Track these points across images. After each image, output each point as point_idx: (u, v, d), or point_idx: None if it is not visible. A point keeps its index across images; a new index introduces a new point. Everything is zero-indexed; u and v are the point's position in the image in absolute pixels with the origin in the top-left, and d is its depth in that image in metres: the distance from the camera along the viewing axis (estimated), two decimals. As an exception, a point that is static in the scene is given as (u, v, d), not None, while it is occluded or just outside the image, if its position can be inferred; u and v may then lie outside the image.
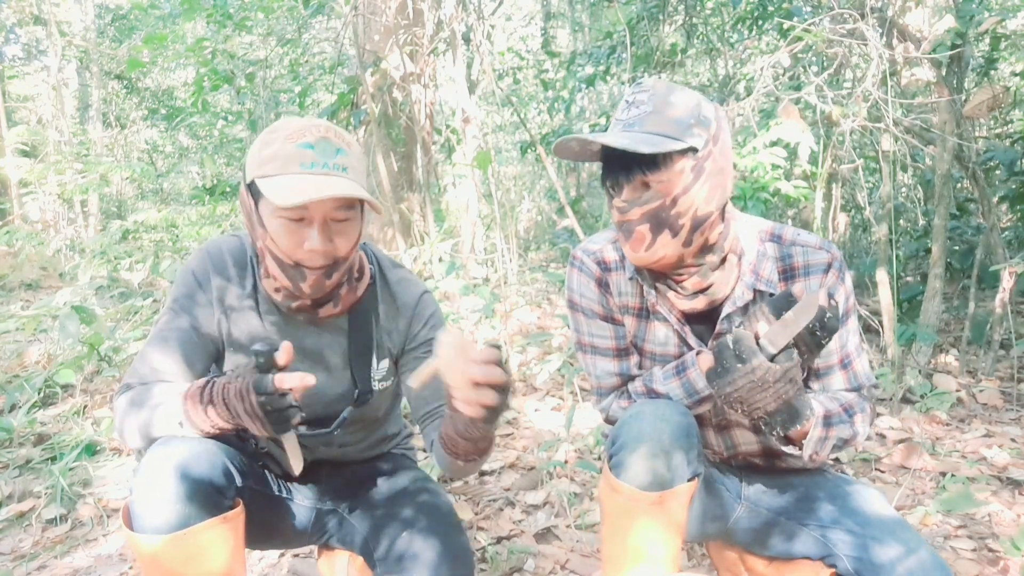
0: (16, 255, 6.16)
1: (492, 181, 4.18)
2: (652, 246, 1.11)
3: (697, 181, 1.08)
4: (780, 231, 1.21)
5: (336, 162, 1.06)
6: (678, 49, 4.68)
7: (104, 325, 3.15)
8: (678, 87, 1.12)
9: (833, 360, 1.20)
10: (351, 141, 1.11)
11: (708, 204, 1.10)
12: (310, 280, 1.10)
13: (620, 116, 1.12)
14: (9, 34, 10.33)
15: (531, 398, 2.94)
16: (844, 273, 1.18)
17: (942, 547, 1.78)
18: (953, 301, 4.01)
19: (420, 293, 1.30)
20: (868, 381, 1.22)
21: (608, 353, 1.29)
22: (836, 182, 3.53)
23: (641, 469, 1.08)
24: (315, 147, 1.05)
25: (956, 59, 3.07)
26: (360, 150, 1.14)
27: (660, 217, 1.09)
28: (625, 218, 1.12)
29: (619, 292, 1.26)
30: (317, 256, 1.08)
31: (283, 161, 1.05)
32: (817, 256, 1.17)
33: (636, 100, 1.10)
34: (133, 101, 11.22)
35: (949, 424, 2.60)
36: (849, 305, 1.18)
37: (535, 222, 9.03)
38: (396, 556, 1.14)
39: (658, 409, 1.12)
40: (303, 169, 1.04)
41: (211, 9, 4.74)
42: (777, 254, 1.19)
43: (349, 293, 1.21)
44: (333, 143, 1.07)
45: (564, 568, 1.76)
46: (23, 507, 2.13)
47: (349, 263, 1.15)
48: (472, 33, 4.47)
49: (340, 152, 1.07)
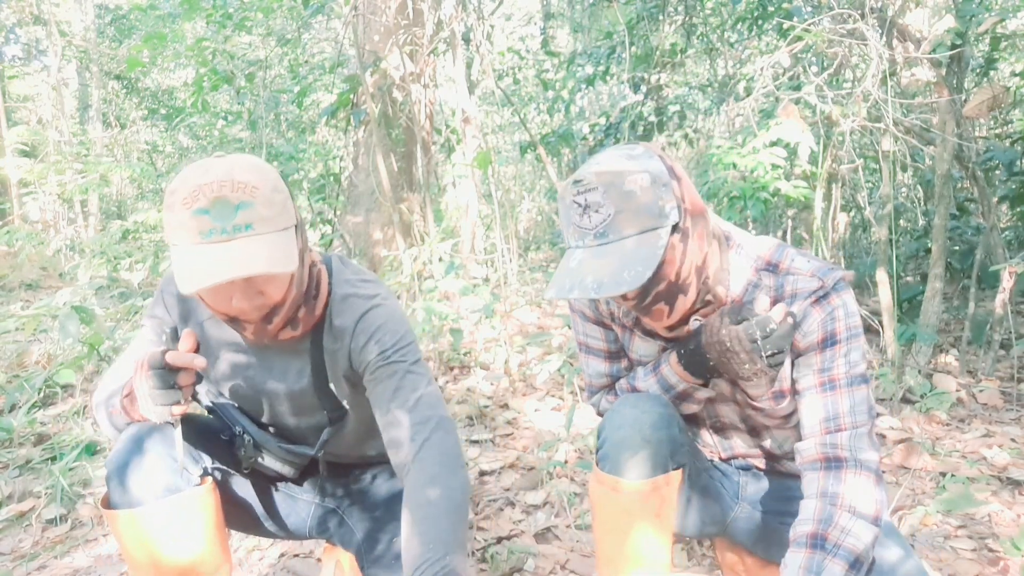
0: (16, 255, 6.15)
1: (492, 181, 4.18)
2: (672, 313, 1.09)
3: (688, 243, 1.04)
4: (778, 259, 1.14)
5: (236, 223, 0.98)
6: (678, 49, 4.68)
7: (104, 325, 3.15)
8: (616, 163, 1.02)
9: (811, 380, 1.11)
10: (255, 184, 1.00)
11: (702, 249, 1.07)
12: (250, 330, 1.10)
13: (583, 224, 1.03)
14: (9, 34, 10.32)
15: (531, 398, 2.94)
16: (828, 298, 1.09)
17: (942, 547, 1.78)
18: (953, 301, 4.00)
19: (361, 312, 1.20)
20: (850, 422, 1.07)
21: (600, 354, 1.32)
22: (836, 182, 3.53)
23: (624, 460, 1.11)
24: (210, 212, 0.97)
25: (956, 59, 3.07)
26: (270, 186, 1.02)
27: (671, 292, 1.06)
28: (637, 307, 1.09)
29: (607, 301, 1.27)
30: (249, 311, 1.05)
31: (183, 231, 0.98)
32: (806, 284, 1.10)
33: (591, 203, 1.01)
34: (133, 101, 11.21)
35: (949, 424, 2.60)
36: (836, 328, 1.09)
37: (535, 222, 9.03)
38: (391, 558, 1.15)
39: (639, 402, 1.15)
40: (202, 239, 0.97)
41: (211, 9, 4.74)
42: (772, 284, 1.14)
43: (307, 315, 1.16)
44: (231, 201, 0.98)
45: (564, 568, 1.76)
46: (23, 507, 2.13)
47: (292, 301, 1.10)
48: (472, 33, 4.47)
49: (240, 208, 0.98)
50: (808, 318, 1.10)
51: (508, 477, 2.28)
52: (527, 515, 2.03)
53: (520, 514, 2.04)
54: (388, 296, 1.24)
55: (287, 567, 1.82)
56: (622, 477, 1.12)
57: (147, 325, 1.26)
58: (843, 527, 1.01)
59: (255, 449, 1.26)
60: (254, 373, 1.23)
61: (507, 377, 3.10)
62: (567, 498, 2.06)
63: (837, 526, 1.02)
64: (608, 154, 1.05)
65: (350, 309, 1.19)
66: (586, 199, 1.02)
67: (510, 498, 2.14)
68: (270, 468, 1.30)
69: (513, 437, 2.62)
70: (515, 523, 1.99)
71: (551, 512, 2.03)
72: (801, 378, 1.13)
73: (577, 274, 1.00)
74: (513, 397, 2.96)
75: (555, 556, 1.80)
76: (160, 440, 1.11)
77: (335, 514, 1.33)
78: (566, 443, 2.38)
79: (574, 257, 1.03)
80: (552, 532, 1.94)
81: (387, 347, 1.17)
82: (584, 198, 1.02)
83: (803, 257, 1.14)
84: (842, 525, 1.02)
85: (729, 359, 1.09)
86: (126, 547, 1.10)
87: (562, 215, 1.07)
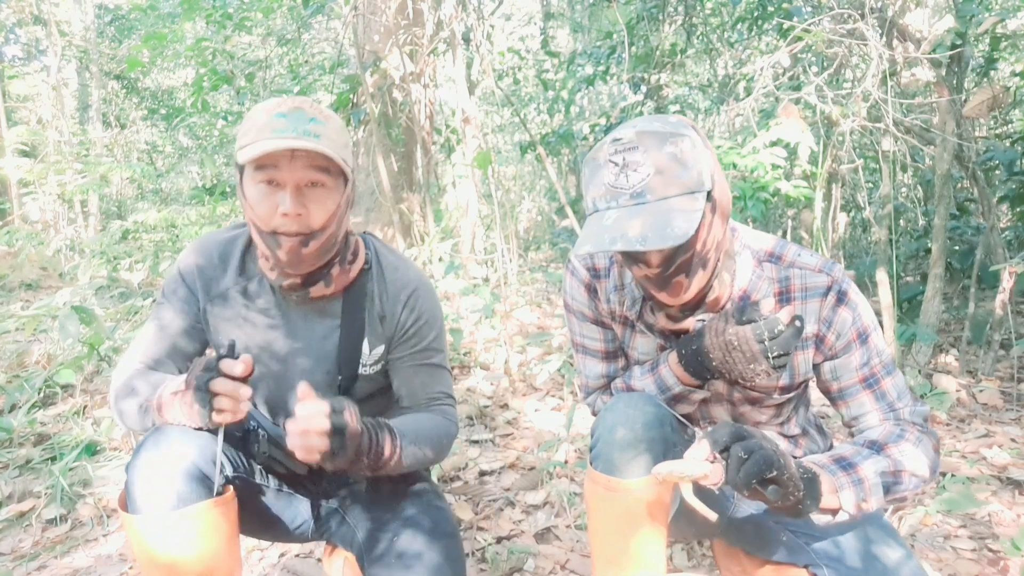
0: (16, 255, 6.15)
1: (492, 181, 4.17)
2: (690, 288, 1.07)
3: (715, 215, 1.04)
4: (781, 251, 1.15)
5: (308, 129, 1.07)
6: (678, 49, 4.68)
7: (104, 325, 3.15)
8: (657, 126, 1.02)
9: (854, 378, 1.14)
10: (331, 116, 1.13)
11: (722, 226, 1.07)
12: (285, 247, 1.11)
13: (618, 184, 1.00)
14: (9, 34, 10.32)
15: (531, 398, 2.94)
16: (847, 296, 1.12)
17: (942, 547, 1.78)
18: (953, 301, 4.01)
19: (416, 281, 1.29)
20: (905, 401, 1.13)
21: (597, 355, 1.32)
22: (836, 182, 3.53)
23: (618, 459, 1.11)
24: (287, 116, 1.08)
25: (956, 59, 3.07)
26: (341, 126, 1.15)
27: (693, 263, 1.04)
28: (659, 276, 1.06)
29: (607, 299, 1.27)
30: (290, 222, 1.09)
31: (258, 130, 1.08)
32: (816, 279, 1.12)
33: (629, 162, 1.00)
34: (133, 101, 11.22)
35: (949, 424, 2.60)
36: (864, 324, 1.12)
37: (535, 222, 9.04)
38: (390, 558, 1.15)
39: (631, 401, 1.15)
40: (274, 135, 1.06)
41: (211, 9, 4.74)
42: (775, 275, 1.14)
43: (342, 274, 1.22)
44: (307, 113, 1.09)
45: (564, 568, 1.76)
46: (23, 507, 2.13)
47: (328, 235, 1.14)
48: (472, 33, 4.47)
49: (314, 121, 1.09)
50: (838, 319, 1.12)
51: (508, 477, 2.28)
52: (527, 515, 2.03)
53: (520, 514, 2.04)
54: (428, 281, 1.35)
55: (287, 567, 1.82)
56: (615, 476, 1.12)
57: (166, 306, 1.25)
58: (903, 450, 1.06)
59: (269, 444, 1.26)
60: (277, 337, 1.24)
61: (507, 377, 3.10)
62: (567, 498, 2.06)
63: (899, 447, 1.06)
64: (645, 118, 1.05)
65: (407, 274, 1.29)
66: (624, 158, 1.00)
67: (510, 498, 2.14)
68: (282, 465, 1.30)
69: (513, 437, 2.62)
70: (515, 523, 1.99)
71: (551, 512, 2.03)
72: (841, 378, 1.15)
73: (615, 230, 0.97)
74: (513, 397, 2.96)
75: (555, 556, 1.80)
76: (187, 444, 1.08)
77: (336, 514, 1.33)
78: (566, 443, 2.38)
79: (608, 216, 1.00)
80: (552, 532, 1.94)
81: (430, 327, 1.28)
82: (623, 157, 1.00)
83: (806, 251, 1.16)
84: (902, 448, 1.07)
85: (734, 360, 1.08)
86: (143, 551, 1.07)
87: (591, 176, 1.04)
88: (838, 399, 1.18)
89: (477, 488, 2.21)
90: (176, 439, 1.08)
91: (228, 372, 1.03)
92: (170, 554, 1.06)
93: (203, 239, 1.28)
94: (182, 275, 1.25)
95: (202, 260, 1.25)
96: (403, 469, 1.18)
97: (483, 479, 2.28)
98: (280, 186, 1.09)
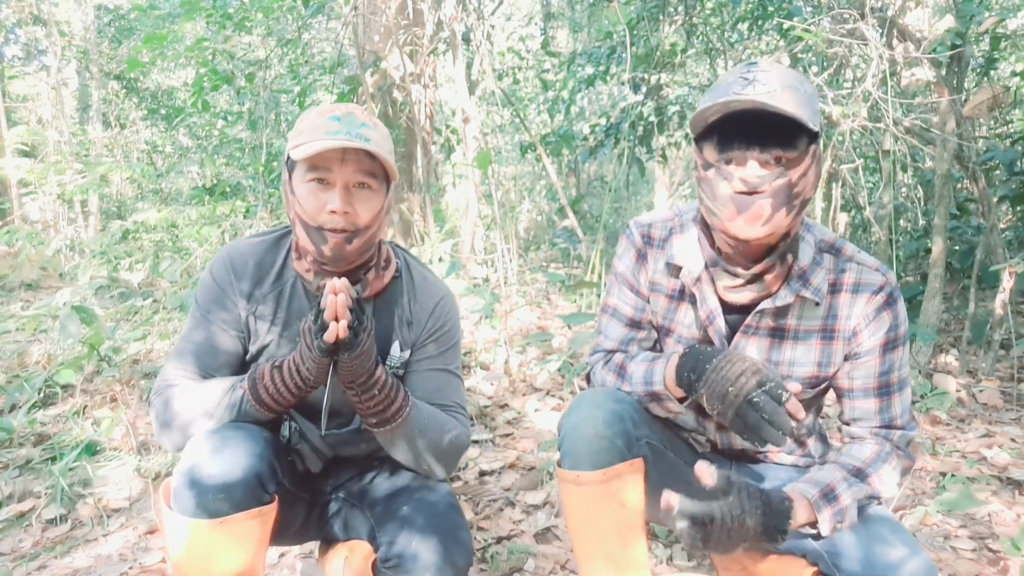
0: (16, 255, 6.15)
1: (492, 181, 4.18)
2: (769, 221, 1.05)
3: (813, 166, 1.06)
4: (841, 244, 1.19)
5: (360, 132, 1.13)
6: (678, 49, 4.68)
7: (104, 325, 3.14)
8: (788, 68, 1.06)
9: (870, 383, 1.17)
10: (379, 123, 1.20)
11: (812, 190, 1.09)
12: (331, 243, 1.15)
13: (743, 92, 1.00)
14: (9, 34, 10.33)
15: (531, 398, 2.94)
16: (895, 300, 1.15)
17: (942, 547, 1.78)
18: (953, 301, 4.01)
19: (444, 291, 1.36)
20: (903, 422, 1.17)
21: (623, 319, 1.33)
22: (836, 182, 3.53)
23: (581, 454, 1.15)
24: (341, 119, 1.14)
25: (956, 59, 3.07)
26: (387, 134, 1.21)
27: (784, 195, 1.04)
28: (751, 191, 1.04)
29: (655, 269, 1.28)
30: (338, 218, 1.14)
31: (311, 131, 1.14)
32: (871, 276, 1.15)
33: (757, 77, 1.01)
34: (133, 101, 11.21)
35: (949, 424, 2.60)
36: (899, 333, 1.15)
37: (535, 222, 9.04)
38: (398, 551, 1.15)
39: (595, 398, 1.19)
40: (328, 136, 1.12)
41: (211, 9, 4.74)
42: (832, 267, 1.17)
43: (376, 280, 1.27)
44: (359, 118, 1.16)
45: (564, 568, 1.76)
46: (23, 507, 2.13)
47: (371, 235, 1.19)
48: (472, 33, 4.47)
49: (365, 126, 1.15)
50: (878, 319, 1.14)
51: (508, 477, 2.28)
52: (527, 515, 2.03)
53: (520, 514, 2.04)
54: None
55: (287, 567, 1.82)
56: (581, 470, 1.15)
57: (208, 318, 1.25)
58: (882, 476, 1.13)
59: (300, 438, 1.29)
60: None
61: (507, 377, 3.10)
62: (567, 498, 2.05)
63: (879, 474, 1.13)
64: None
65: (435, 286, 1.36)
66: (756, 75, 1.01)
67: (510, 498, 2.14)
68: (304, 460, 1.33)
69: (513, 437, 2.62)
70: (515, 523, 1.99)
71: (551, 512, 2.03)
72: (857, 379, 1.17)
73: (741, 94, 0.99)
74: (513, 397, 2.96)
75: (555, 556, 1.80)
76: (241, 450, 1.09)
77: (341, 510, 1.34)
78: (566, 443, 2.37)
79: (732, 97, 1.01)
80: (552, 532, 1.94)
81: (450, 341, 1.34)
82: (754, 74, 1.01)
83: (863, 252, 1.19)
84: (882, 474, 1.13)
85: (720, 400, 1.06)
86: (185, 552, 1.07)
87: (715, 89, 1.05)
88: (845, 396, 1.21)
89: (477, 488, 2.21)
90: (232, 440, 1.09)
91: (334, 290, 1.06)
92: (214, 557, 1.07)
93: (234, 247, 1.30)
94: (219, 284, 1.26)
95: (238, 267, 1.26)
96: (409, 436, 1.20)
97: (483, 479, 2.28)
98: (330, 185, 1.15)
